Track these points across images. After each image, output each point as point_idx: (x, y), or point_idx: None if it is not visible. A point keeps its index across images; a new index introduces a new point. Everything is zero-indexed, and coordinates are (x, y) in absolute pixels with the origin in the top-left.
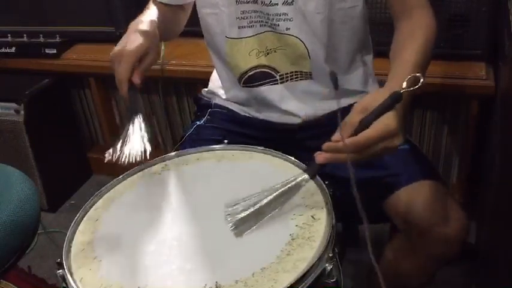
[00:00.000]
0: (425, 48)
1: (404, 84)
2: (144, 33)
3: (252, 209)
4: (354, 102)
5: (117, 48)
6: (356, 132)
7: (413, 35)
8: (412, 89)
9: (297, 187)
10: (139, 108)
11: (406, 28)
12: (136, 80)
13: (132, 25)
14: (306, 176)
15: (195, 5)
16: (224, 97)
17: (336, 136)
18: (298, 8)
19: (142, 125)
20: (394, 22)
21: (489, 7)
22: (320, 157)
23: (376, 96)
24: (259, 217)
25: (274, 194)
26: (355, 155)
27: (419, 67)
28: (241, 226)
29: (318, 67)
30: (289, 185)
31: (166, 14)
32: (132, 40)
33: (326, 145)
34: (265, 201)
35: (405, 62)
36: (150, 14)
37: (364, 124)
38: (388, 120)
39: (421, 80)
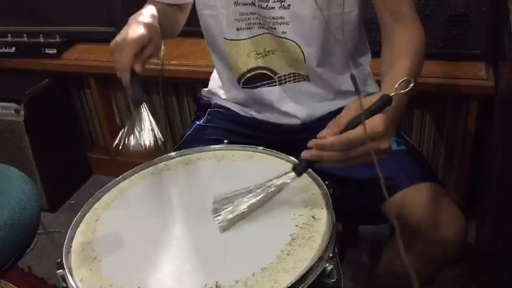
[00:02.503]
0: (418, 58)
1: (395, 88)
2: (145, 24)
3: (237, 208)
4: None
5: (118, 37)
6: (342, 132)
7: (406, 48)
8: (402, 91)
9: (284, 185)
10: (142, 98)
11: (398, 42)
12: (139, 68)
13: (132, 18)
14: (292, 173)
15: (194, 5)
16: (224, 97)
17: (323, 133)
18: (294, 13)
19: (149, 113)
20: (382, 33)
21: (489, 7)
22: (305, 153)
23: (367, 100)
24: (244, 214)
25: (261, 194)
26: (339, 154)
27: (411, 75)
28: (226, 222)
29: (313, 71)
30: (277, 183)
31: (166, 13)
32: (133, 30)
33: (312, 141)
34: (250, 200)
35: (398, 71)
36: (150, 9)
37: (351, 125)
38: (374, 122)
39: (411, 83)
